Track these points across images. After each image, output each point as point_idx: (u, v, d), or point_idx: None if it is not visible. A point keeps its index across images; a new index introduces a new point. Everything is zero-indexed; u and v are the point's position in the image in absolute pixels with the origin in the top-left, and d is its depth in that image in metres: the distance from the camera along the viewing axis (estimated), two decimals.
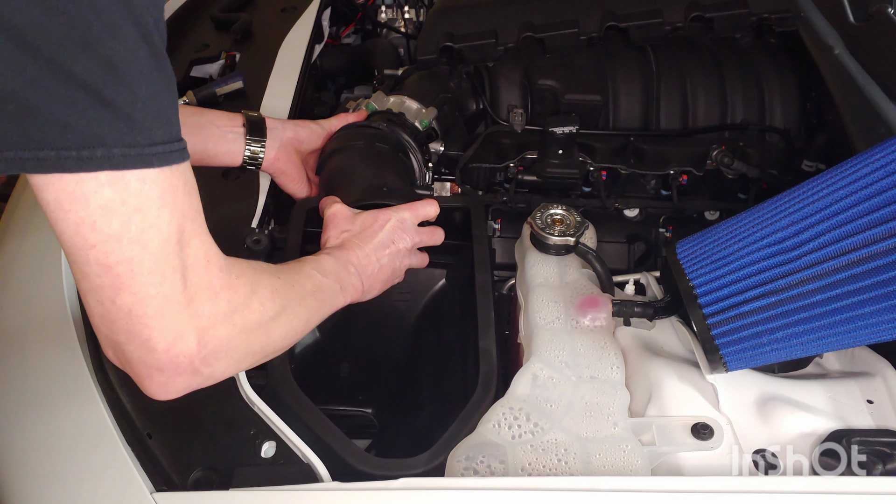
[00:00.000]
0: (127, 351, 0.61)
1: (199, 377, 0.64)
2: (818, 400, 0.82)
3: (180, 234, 0.59)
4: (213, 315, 0.63)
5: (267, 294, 0.70)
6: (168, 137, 0.56)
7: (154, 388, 0.64)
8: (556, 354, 0.87)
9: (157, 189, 0.56)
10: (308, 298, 0.79)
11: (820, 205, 0.76)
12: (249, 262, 0.72)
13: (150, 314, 0.59)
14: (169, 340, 0.60)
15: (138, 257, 0.56)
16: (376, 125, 1.14)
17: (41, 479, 0.80)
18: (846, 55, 1.15)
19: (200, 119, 1.02)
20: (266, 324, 0.70)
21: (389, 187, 1.03)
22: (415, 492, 0.71)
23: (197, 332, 0.62)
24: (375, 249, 0.93)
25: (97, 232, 0.55)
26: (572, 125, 1.25)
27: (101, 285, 0.57)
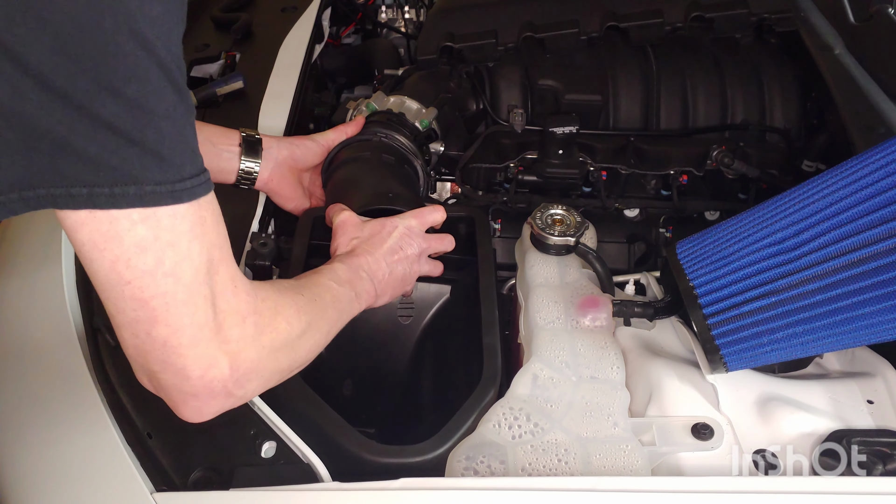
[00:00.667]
0: (162, 379, 0.62)
1: (232, 399, 0.66)
2: (818, 400, 0.82)
3: (210, 263, 0.60)
4: (241, 339, 0.64)
5: (292, 313, 0.72)
6: (195, 171, 0.57)
7: (189, 412, 0.65)
8: (557, 354, 0.87)
9: (187, 223, 0.57)
10: (329, 310, 0.80)
11: (820, 205, 0.76)
12: (273, 283, 0.73)
13: (184, 343, 0.60)
14: (203, 367, 0.62)
15: (172, 290, 0.58)
16: (378, 137, 1.13)
17: (41, 479, 0.80)
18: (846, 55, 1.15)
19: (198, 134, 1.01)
20: (293, 342, 0.71)
21: (395, 193, 1.03)
22: (415, 492, 0.71)
23: (228, 357, 0.63)
24: (385, 255, 0.93)
25: (132, 269, 0.56)
26: (572, 125, 1.25)
27: (136, 319, 0.59)
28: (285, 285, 0.76)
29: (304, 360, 0.76)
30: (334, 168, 1.11)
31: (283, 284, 0.76)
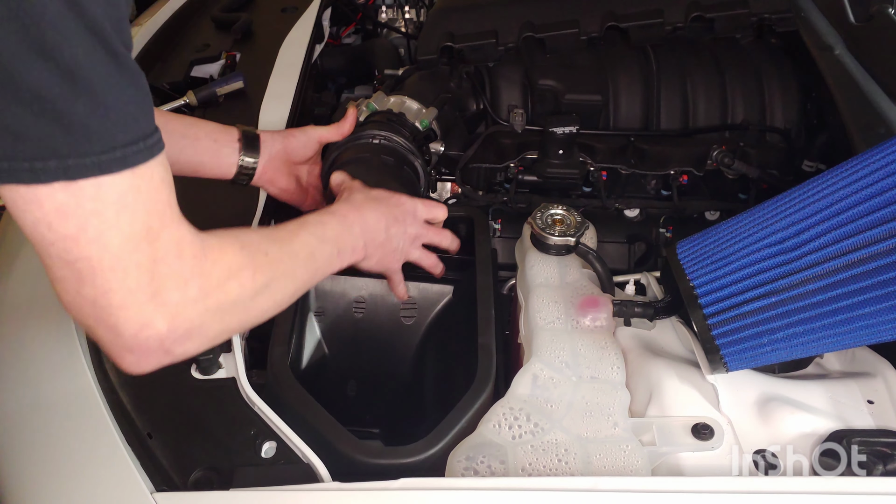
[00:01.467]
0: (97, 334, 0.61)
1: (171, 356, 0.64)
2: (818, 400, 0.82)
3: (146, 231, 0.58)
4: (182, 303, 0.62)
5: (248, 274, 0.69)
6: (131, 139, 0.55)
7: (126, 365, 0.63)
8: (557, 354, 0.87)
9: (114, 193, 0.55)
10: (299, 270, 0.78)
11: (820, 205, 0.76)
12: (238, 237, 0.71)
13: (114, 305, 0.59)
14: (136, 327, 0.60)
15: (97, 256, 0.56)
16: (378, 138, 1.13)
17: (41, 479, 0.80)
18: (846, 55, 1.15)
19: (197, 131, 1.01)
20: (245, 303, 0.70)
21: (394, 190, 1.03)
22: (415, 492, 0.71)
23: (165, 318, 0.61)
24: (387, 219, 0.93)
25: (54, 232, 0.55)
26: (572, 125, 1.25)
27: (64, 277, 0.57)
28: (253, 239, 0.74)
29: (259, 319, 0.75)
30: (334, 170, 1.11)
31: (250, 238, 0.74)
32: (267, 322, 0.96)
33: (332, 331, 1.08)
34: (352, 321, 1.08)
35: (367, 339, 1.08)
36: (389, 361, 1.10)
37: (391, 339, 1.10)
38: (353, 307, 1.09)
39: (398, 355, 1.10)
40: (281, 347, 0.88)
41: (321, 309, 1.08)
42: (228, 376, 0.86)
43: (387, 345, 1.10)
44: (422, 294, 1.10)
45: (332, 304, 1.08)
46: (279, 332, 0.90)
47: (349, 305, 1.09)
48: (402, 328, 1.10)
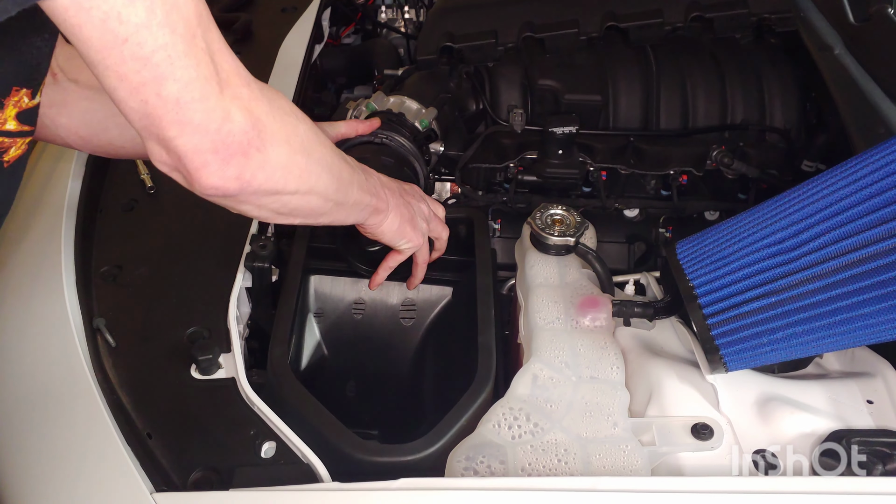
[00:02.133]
0: (179, 144, 0.61)
1: (252, 162, 0.65)
2: (818, 400, 0.82)
3: (199, 16, 0.59)
4: (251, 98, 0.64)
5: (292, 121, 0.70)
6: None
7: (208, 175, 0.63)
8: (556, 354, 0.87)
9: None
10: (338, 159, 0.79)
11: (820, 205, 0.76)
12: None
13: (196, 98, 0.59)
14: (219, 119, 0.61)
15: (171, 42, 0.57)
16: (379, 139, 1.14)
17: (41, 479, 0.80)
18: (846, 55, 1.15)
19: None
20: (304, 134, 0.71)
21: None
22: (415, 492, 0.71)
23: (242, 110, 0.62)
24: (401, 190, 0.94)
25: (125, 23, 0.54)
26: (572, 125, 1.25)
27: (142, 81, 0.57)
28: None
29: (315, 183, 0.74)
30: None
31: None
32: (266, 323, 0.97)
33: (331, 332, 1.08)
34: (351, 322, 1.09)
35: (366, 341, 1.08)
36: (389, 363, 1.10)
37: (390, 340, 1.10)
38: (352, 308, 1.09)
39: (397, 356, 1.10)
40: (281, 347, 0.88)
41: (320, 310, 1.08)
42: (228, 376, 0.86)
43: (386, 346, 1.10)
44: (421, 295, 1.10)
45: (331, 305, 1.08)
46: (279, 332, 0.90)
47: (348, 307, 1.09)
48: (401, 329, 1.10)
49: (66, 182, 1.09)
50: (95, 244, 1.05)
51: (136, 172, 1.15)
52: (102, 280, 0.99)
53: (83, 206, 1.07)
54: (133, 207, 1.11)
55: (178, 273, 1.00)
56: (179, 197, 1.13)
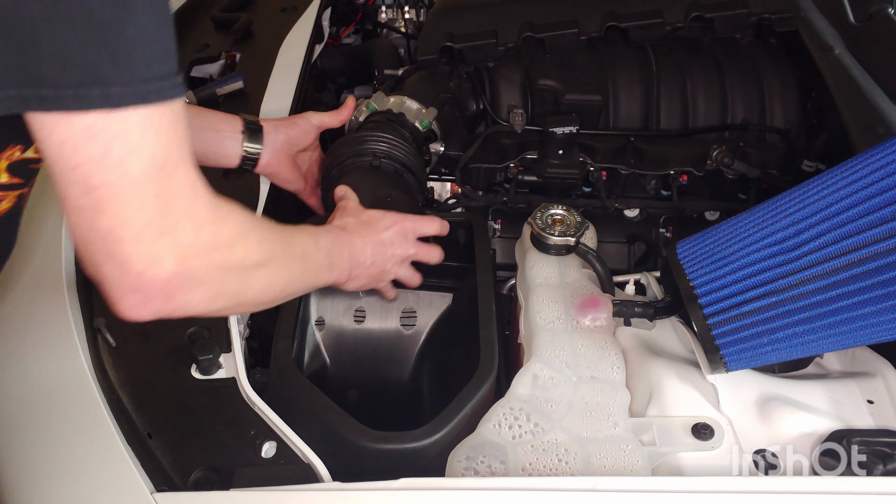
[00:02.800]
0: (105, 271, 0.61)
1: (172, 304, 0.64)
2: (818, 400, 0.82)
3: (164, 162, 0.59)
4: (193, 246, 0.63)
5: (254, 241, 0.71)
6: (167, 72, 0.56)
7: (126, 308, 0.63)
8: (557, 354, 0.87)
9: (142, 120, 0.56)
10: (295, 261, 0.80)
11: (820, 205, 0.76)
12: (244, 209, 0.71)
13: (127, 237, 0.59)
14: (145, 264, 0.60)
15: (118, 181, 0.57)
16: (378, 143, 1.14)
17: (41, 479, 0.80)
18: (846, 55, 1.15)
19: (202, 122, 1.03)
20: (247, 269, 0.70)
21: (393, 198, 1.04)
22: (415, 492, 0.71)
23: (174, 258, 0.61)
24: (374, 244, 0.95)
25: (79, 153, 0.55)
26: (572, 125, 1.25)
27: (82, 206, 0.58)
28: (258, 218, 0.76)
29: (255, 299, 0.76)
30: (335, 177, 1.11)
31: (255, 216, 0.75)
32: (268, 324, 0.97)
33: (332, 340, 1.08)
34: (352, 330, 1.09)
35: (367, 349, 1.09)
36: (390, 370, 1.10)
37: (391, 347, 1.10)
38: (353, 316, 1.09)
39: (398, 364, 1.10)
40: (284, 342, 0.88)
41: (321, 318, 1.08)
42: (228, 376, 0.86)
43: (387, 354, 1.10)
44: (422, 302, 1.10)
45: (332, 313, 1.08)
46: (282, 329, 0.90)
47: (349, 314, 1.09)
48: (402, 337, 1.10)
49: None
50: None
51: None
52: None
53: None
54: None
55: None
56: None
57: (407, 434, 0.79)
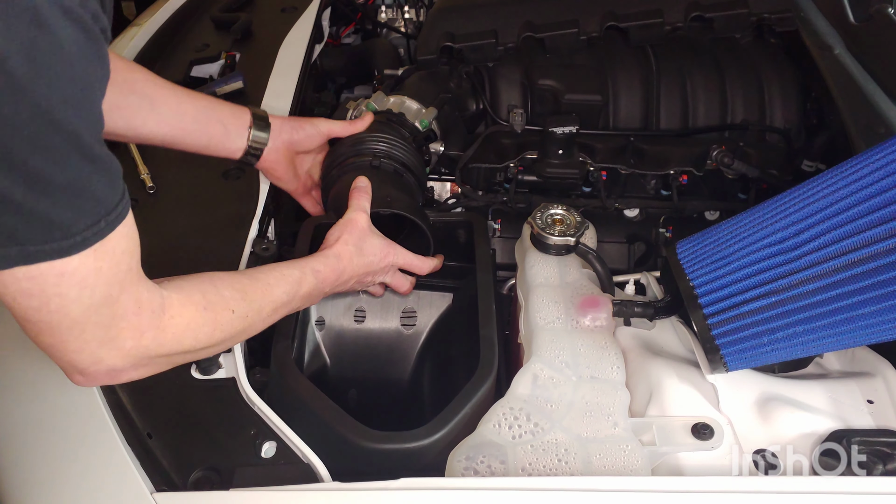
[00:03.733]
0: (52, 353, 0.65)
1: (118, 381, 0.70)
2: (818, 400, 0.82)
3: (106, 298, 0.62)
4: (135, 349, 0.67)
5: (207, 332, 0.73)
6: (93, 221, 0.57)
7: (76, 381, 0.68)
8: (557, 354, 0.87)
9: (75, 273, 0.58)
10: (260, 325, 0.82)
11: (820, 205, 0.76)
12: (204, 295, 0.74)
13: (70, 349, 0.63)
14: (88, 363, 0.65)
15: (58, 321, 0.60)
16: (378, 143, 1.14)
17: (41, 479, 0.80)
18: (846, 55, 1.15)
19: (210, 114, 1.03)
20: (197, 352, 0.75)
21: (393, 198, 1.04)
22: (415, 492, 0.71)
23: (116, 358, 0.66)
24: (362, 273, 0.98)
25: (18, 304, 0.59)
26: (572, 125, 1.25)
27: (24, 322, 0.61)
28: (224, 295, 0.76)
29: (213, 353, 0.80)
30: (335, 177, 1.11)
31: (220, 294, 0.76)
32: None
33: (332, 339, 1.09)
34: (352, 330, 1.09)
35: (367, 349, 1.09)
36: (390, 370, 1.10)
37: (391, 347, 1.10)
38: (353, 316, 1.10)
39: (399, 364, 1.10)
40: (284, 342, 0.88)
41: (321, 318, 1.08)
42: (228, 376, 0.86)
43: (387, 353, 1.10)
44: (422, 302, 1.10)
45: (332, 312, 1.08)
46: (282, 329, 0.90)
47: (349, 314, 1.09)
48: (402, 336, 1.10)
49: None
50: None
51: (136, 173, 1.15)
52: None
53: None
54: (133, 207, 1.10)
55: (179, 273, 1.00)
56: (179, 197, 1.13)
57: (407, 434, 0.79)
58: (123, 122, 0.93)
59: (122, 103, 0.93)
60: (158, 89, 0.97)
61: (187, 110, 1.00)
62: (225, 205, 1.08)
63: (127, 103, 0.94)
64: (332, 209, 1.08)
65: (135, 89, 0.94)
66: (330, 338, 1.09)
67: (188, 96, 1.01)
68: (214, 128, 1.03)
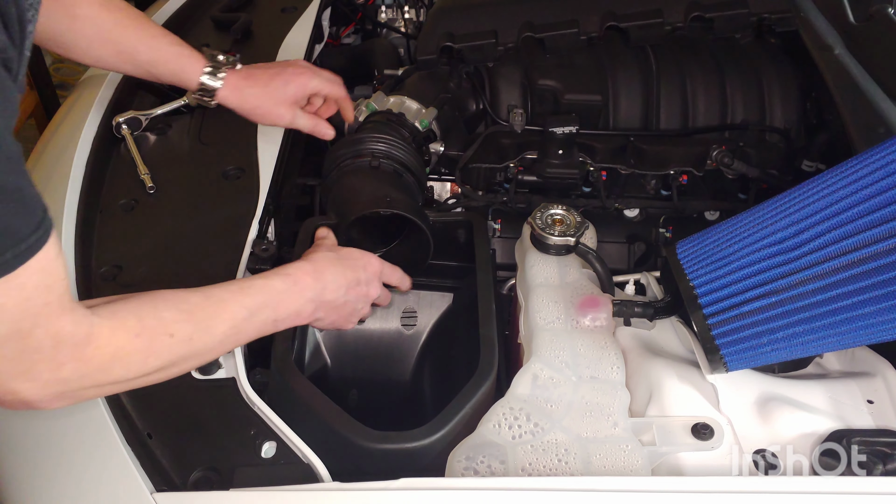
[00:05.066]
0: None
1: (42, 409, 0.66)
2: (818, 400, 0.82)
3: (16, 332, 0.58)
4: (52, 380, 0.63)
5: (139, 359, 0.68)
6: (4, 247, 0.54)
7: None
8: (557, 354, 0.87)
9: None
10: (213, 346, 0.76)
11: (820, 205, 0.76)
12: (140, 319, 0.68)
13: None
14: (3, 393, 0.62)
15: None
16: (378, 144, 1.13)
17: (42, 480, 0.80)
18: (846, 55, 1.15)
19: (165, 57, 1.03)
20: (130, 381, 0.69)
21: (392, 198, 1.04)
22: (415, 492, 0.71)
23: (33, 390, 0.62)
24: (349, 281, 0.90)
25: None
26: (572, 125, 1.25)
27: None
28: (163, 317, 0.70)
29: (146, 385, 0.73)
30: (334, 178, 1.11)
31: (159, 316, 0.70)
32: None
33: (332, 340, 1.09)
34: (353, 330, 1.09)
35: (367, 349, 1.09)
36: (391, 370, 1.10)
37: (392, 348, 1.10)
38: None
39: (399, 364, 1.10)
40: (284, 343, 0.88)
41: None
42: (228, 376, 0.86)
43: (388, 354, 1.10)
44: (422, 302, 1.10)
45: None
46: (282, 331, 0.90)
47: None
48: (402, 336, 1.10)
49: (66, 182, 1.09)
50: (95, 244, 1.05)
51: (136, 172, 1.15)
52: (102, 280, 0.99)
53: (83, 206, 1.07)
54: (133, 207, 1.11)
55: (178, 273, 1.00)
56: (179, 197, 1.13)
57: (406, 434, 0.79)
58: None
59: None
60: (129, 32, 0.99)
61: (142, 55, 1.01)
62: (225, 205, 1.08)
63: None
64: (333, 210, 1.08)
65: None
66: (330, 338, 1.09)
67: (145, 36, 1.01)
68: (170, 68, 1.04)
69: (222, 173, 1.14)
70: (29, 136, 2.57)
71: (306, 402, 0.82)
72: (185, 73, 1.04)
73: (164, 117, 1.27)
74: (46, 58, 2.78)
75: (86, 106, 1.24)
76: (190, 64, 1.04)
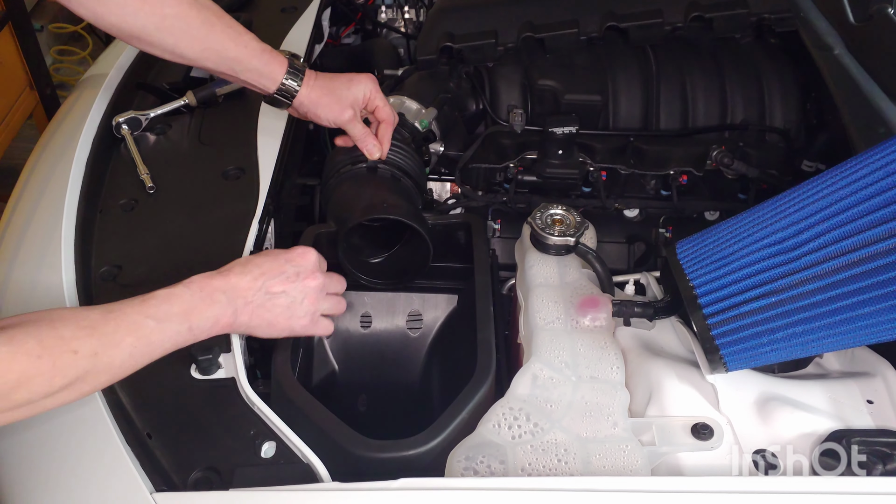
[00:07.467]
0: None
1: None
2: (818, 400, 0.82)
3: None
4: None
5: (43, 381, 0.66)
6: None
7: None
8: (556, 354, 0.87)
9: None
10: (120, 360, 0.73)
11: (820, 205, 0.76)
12: (40, 340, 0.66)
13: None
14: None
15: None
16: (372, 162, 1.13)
17: (42, 480, 0.80)
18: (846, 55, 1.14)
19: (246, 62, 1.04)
20: (37, 403, 0.68)
21: (389, 203, 1.03)
22: (415, 492, 0.71)
23: None
24: (267, 278, 0.85)
25: None
26: (572, 125, 1.25)
27: None
28: (63, 334, 0.68)
29: (58, 407, 0.71)
30: (332, 186, 1.11)
31: (59, 334, 0.68)
32: None
33: (339, 345, 1.09)
34: (359, 335, 1.09)
35: (374, 353, 1.09)
36: (398, 374, 1.10)
37: (399, 351, 1.10)
38: (359, 321, 1.09)
39: (407, 368, 1.10)
40: (284, 353, 0.88)
41: None
42: (228, 376, 0.86)
43: (395, 358, 1.10)
44: (427, 305, 1.10)
45: (338, 319, 1.08)
46: (282, 340, 0.90)
47: (355, 319, 1.09)
48: (408, 339, 1.10)
49: (65, 182, 1.09)
50: (95, 244, 1.05)
51: (136, 172, 1.15)
52: (102, 280, 0.99)
53: (83, 206, 1.07)
54: (133, 207, 1.11)
55: (178, 273, 1.00)
56: (179, 197, 1.13)
57: (403, 442, 0.79)
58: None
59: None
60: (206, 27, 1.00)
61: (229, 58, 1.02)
62: (225, 205, 1.08)
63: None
64: (332, 217, 1.08)
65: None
66: (337, 344, 1.09)
67: (233, 44, 1.02)
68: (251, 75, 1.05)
69: (222, 173, 1.14)
70: (29, 136, 2.57)
71: (304, 413, 0.82)
72: (268, 71, 1.05)
73: (164, 117, 1.27)
74: (46, 58, 2.78)
75: (86, 106, 1.24)
76: (274, 64, 1.05)
